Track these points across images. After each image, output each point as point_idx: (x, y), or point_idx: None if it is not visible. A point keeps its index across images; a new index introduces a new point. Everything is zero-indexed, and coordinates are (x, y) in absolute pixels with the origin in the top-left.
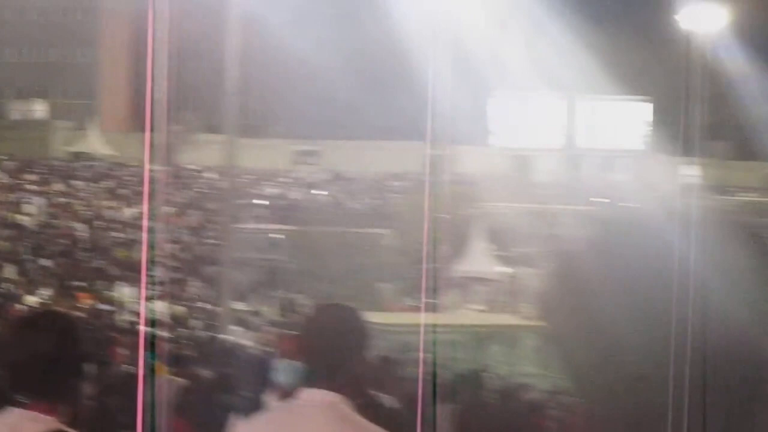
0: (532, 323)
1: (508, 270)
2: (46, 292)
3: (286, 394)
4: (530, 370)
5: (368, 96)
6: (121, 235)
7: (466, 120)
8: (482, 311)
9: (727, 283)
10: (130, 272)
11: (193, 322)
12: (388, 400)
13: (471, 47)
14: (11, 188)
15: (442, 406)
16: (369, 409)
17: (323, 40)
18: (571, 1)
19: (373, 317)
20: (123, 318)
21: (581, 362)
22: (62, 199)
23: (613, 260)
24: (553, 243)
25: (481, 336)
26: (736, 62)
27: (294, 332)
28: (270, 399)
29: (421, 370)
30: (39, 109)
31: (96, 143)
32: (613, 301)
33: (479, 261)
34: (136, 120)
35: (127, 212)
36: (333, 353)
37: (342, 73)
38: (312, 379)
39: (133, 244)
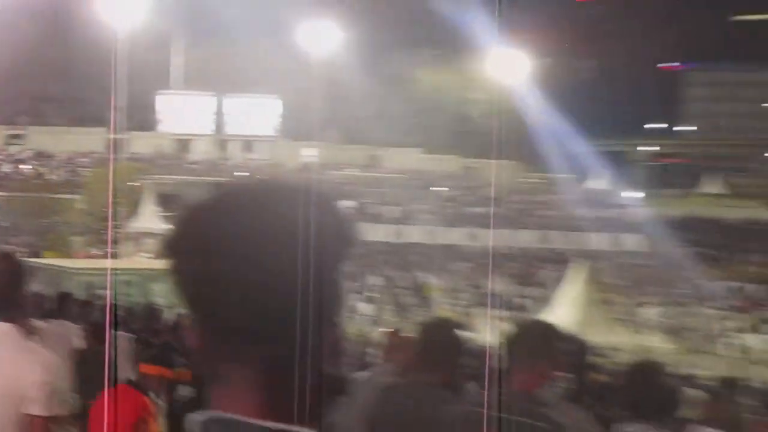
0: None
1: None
2: None
3: None
4: None
5: (64, 91)
6: None
7: (139, 111)
8: (151, 258)
9: (330, 235)
10: None
11: None
12: (78, 329)
13: (144, 54)
14: None
15: (121, 332)
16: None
17: (30, 44)
18: (222, 17)
19: (66, 263)
20: None
21: (205, 300)
22: None
23: (241, 218)
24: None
25: (150, 277)
26: (350, 69)
27: None
28: None
29: (108, 303)
30: None
31: None
32: (239, 250)
33: (149, 219)
34: None
35: None
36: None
37: (44, 72)
38: None
39: None
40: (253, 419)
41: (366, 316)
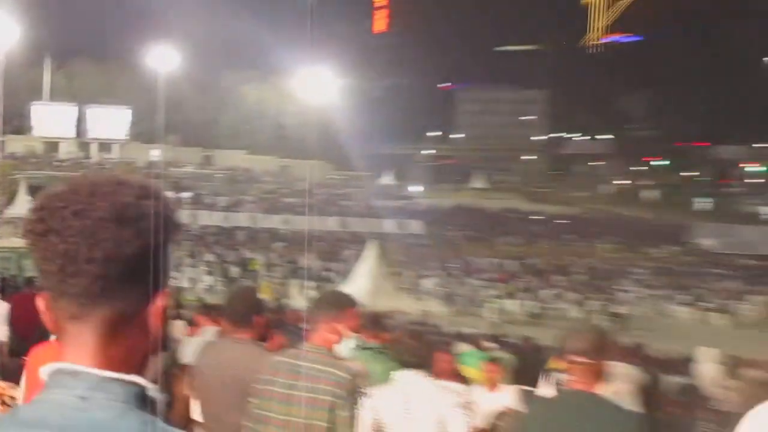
0: None
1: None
2: None
3: None
4: None
5: None
6: None
7: (16, 119)
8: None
9: (161, 219)
10: None
11: None
12: None
13: (20, 71)
14: None
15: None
16: None
17: None
18: (82, 41)
19: None
20: None
21: (54, 272)
22: None
23: (85, 205)
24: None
25: (22, 255)
26: (188, 85)
27: None
28: None
29: None
30: None
31: None
32: (85, 230)
33: (22, 207)
34: None
35: None
36: None
37: None
38: None
39: None
40: (91, 368)
41: (202, 285)
